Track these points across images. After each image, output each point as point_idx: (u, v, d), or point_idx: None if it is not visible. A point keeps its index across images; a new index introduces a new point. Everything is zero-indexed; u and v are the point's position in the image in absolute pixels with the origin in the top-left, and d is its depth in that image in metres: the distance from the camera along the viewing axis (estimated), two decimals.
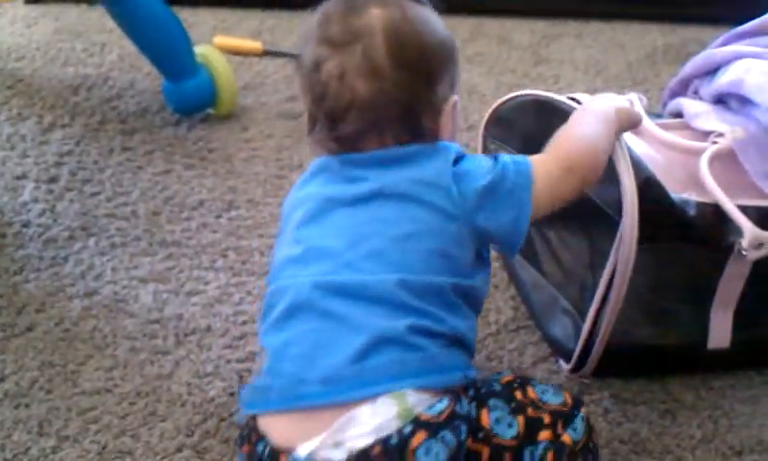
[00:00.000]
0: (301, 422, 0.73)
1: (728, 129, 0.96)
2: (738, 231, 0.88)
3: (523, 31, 1.94)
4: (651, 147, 0.95)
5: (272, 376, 0.77)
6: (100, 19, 1.77)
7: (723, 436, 0.95)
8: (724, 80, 1.03)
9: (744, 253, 0.88)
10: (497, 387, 0.77)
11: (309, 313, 0.76)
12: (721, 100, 1.04)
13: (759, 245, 0.88)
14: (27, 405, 0.95)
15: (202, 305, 1.09)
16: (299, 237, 0.81)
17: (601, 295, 0.91)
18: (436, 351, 0.75)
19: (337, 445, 0.71)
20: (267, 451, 0.74)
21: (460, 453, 0.71)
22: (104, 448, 0.90)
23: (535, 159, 0.83)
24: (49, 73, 1.63)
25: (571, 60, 1.82)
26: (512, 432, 0.74)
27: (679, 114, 1.05)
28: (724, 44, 1.09)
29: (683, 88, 1.11)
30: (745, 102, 1.00)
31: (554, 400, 0.77)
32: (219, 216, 1.26)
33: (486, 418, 0.74)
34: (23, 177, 1.32)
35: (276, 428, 0.74)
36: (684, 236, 0.91)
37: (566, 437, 0.75)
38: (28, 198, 1.27)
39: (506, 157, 0.82)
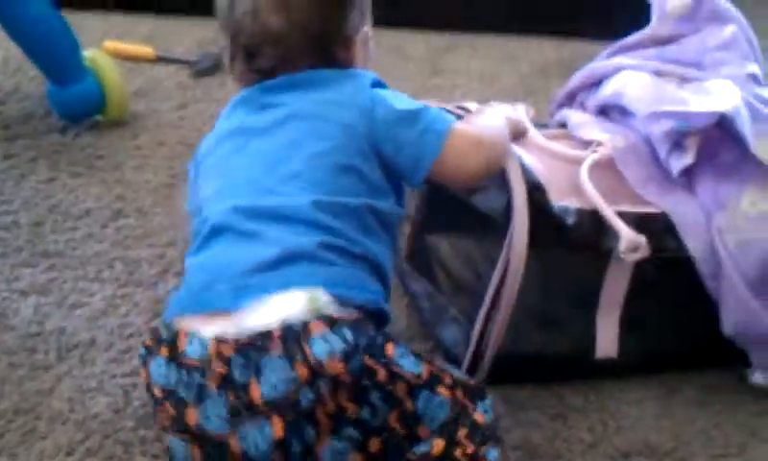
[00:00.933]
0: (211, 323, 0.74)
1: (608, 138, 0.98)
2: (616, 236, 0.91)
3: (418, 42, 1.95)
4: (534, 156, 0.96)
5: (185, 287, 0.80)
6: None
7: (611, 439, 0.97)
8: (606, 92, 1.06)
9: (622, 255, 0.91)
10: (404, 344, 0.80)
11: (227, 234, 0.80)
12: (603, 111, 1.07)
13: (636, 248, 0.90)
14: None
15: (86, 318, 1.05)
16: (223, 171, 0.85)
17: (490, 299, 0.92)
18: (347, 269, 0.78)
19: (239, 329, 0.73)
20: (168, 333, 0.75)
21: (355, 356, 0.72)
22: None
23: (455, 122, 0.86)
24: None
25: (467, 71, 1.84)
26: (416, 370, 0.75)
27: (564, 125, 1.08)
28: (608, 57, 1.12)
29: (569, 101, 1.14)
30: (625, 112, 1.03)
31: (459, 373, 0.81)
32: (105, 226, 1.22)
33: (392, 350, 0.76)
34: None
35: (186, 326, 0.76)
36: (565, 242, 0.93)
37: (479, 416, 0.76)
38: None
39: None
